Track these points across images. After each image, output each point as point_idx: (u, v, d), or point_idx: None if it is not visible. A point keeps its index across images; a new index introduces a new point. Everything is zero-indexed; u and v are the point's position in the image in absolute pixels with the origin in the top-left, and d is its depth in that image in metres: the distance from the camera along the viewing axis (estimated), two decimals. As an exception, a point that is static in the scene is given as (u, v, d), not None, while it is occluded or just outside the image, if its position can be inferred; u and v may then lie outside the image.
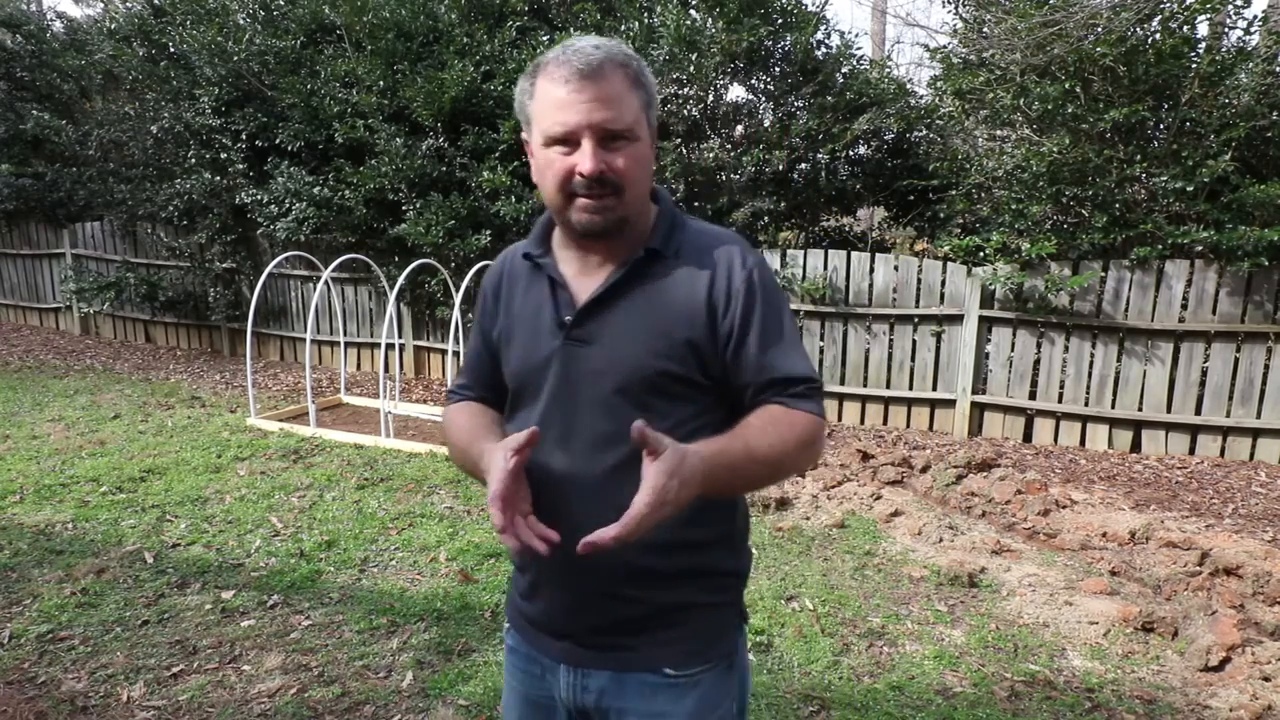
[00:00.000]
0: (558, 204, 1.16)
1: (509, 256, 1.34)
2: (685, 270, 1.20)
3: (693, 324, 1.17)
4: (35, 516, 4.07)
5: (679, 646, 1.21)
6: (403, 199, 6.92)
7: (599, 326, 1.19)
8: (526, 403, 1.24)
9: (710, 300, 1.18)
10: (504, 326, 1.29)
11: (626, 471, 1.10)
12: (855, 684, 2.80)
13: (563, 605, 1.23)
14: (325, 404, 6.56)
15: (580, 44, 1.12)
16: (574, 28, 6.84)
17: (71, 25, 10.38)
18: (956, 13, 6.50)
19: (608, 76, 1.11)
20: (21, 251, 9.95)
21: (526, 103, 1.18)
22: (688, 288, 1.19)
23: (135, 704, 2.61)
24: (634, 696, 1.21)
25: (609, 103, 1.11)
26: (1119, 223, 5.50)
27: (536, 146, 1.17)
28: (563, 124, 1.11)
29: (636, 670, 1.21)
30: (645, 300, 1.19)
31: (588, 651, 1.23)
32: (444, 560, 3.70)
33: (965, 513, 4.44)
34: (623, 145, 1.13)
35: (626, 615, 1.20)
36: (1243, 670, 2.84)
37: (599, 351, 1.18)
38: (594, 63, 1.10)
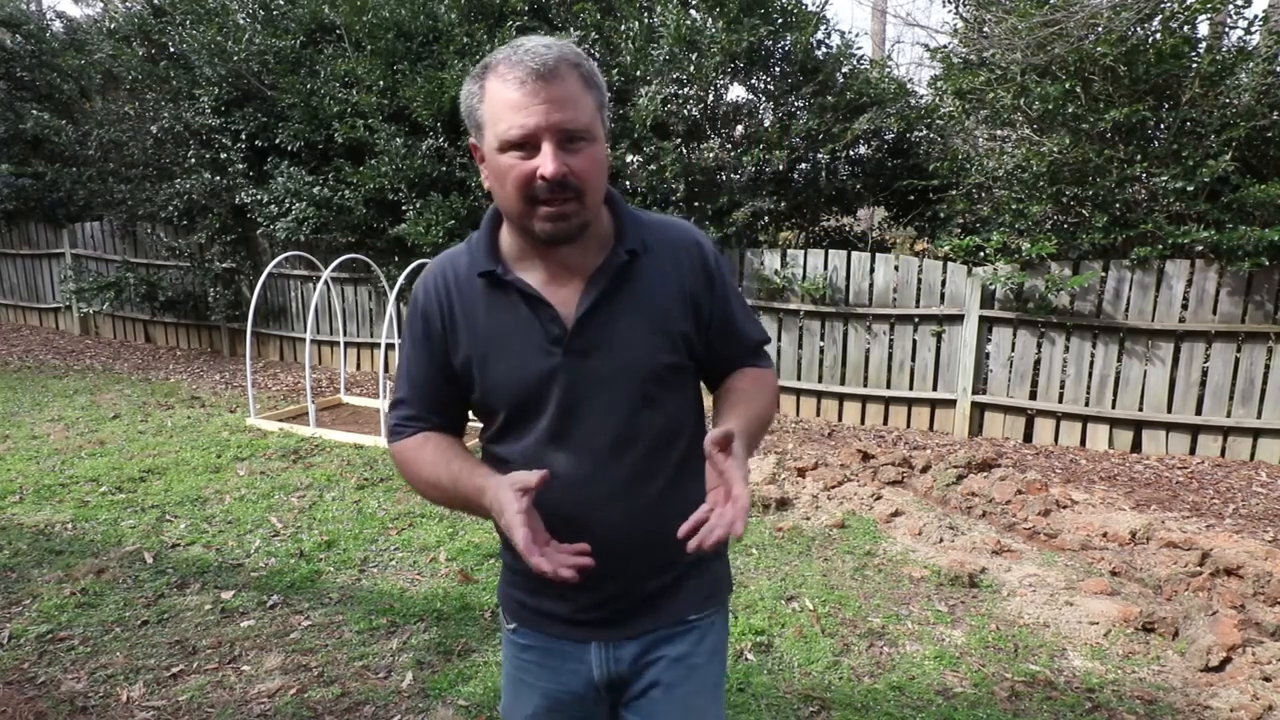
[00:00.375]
0: (518, 211, 1.12)
1: (448, 272, 1.25)
2: (661, 265, 1.23)
3: (683, 315, 1.23)
4: (35, 516, 4.07)
5: (698, 595, 1.32)
6: (403, 199, 6.92)
7: (597, 335, 1.19)
8: (526, 420, 1.21)
9: (691, 290, 1.24)
10: (470, 350, 1.22)
11: (646, 466, 1.21)
12: (855, 684, 2.80)
13: (591, 596, 1.26)
14: (325, 404, 6.56)
15: (530, 44, 1.09)
16: (574, 28, 6.83)
17: (71, 25, 10.37)
18: (956, 12, 6.49)
19: (563, 76, 1.08)
20: (21, 251, 9.95)
21: (476, 106, 1.13)
22: (669, 282, 1.23)
23: (135, 704, 2.61)
24: (663, 647, 1.30)
25: (566, 103, 1.08)
26: (1119, 223, 5.50)
27: (489, 152, 1.12)
28: (520, 127, 1.06)
29: (665, 627, 1.29)
30: (635, 301, 1.20)
31: (615, 628, 1.28)
32: (444, 560, 3.70)
33: (966, 513, 4.44)
34: (581, 146, 1.10)
35: (655, 587, 1.28)
36: (1243, 670, 2.83)
37: (603, 359, 1.19)
38: (549, 63, 1.07)
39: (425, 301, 1.25)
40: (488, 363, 1.22)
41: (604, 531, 1.19)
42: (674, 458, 1.25)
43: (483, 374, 1.22)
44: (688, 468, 1.27)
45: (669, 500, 1.22)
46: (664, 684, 1.29)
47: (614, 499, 1.20)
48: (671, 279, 1.23)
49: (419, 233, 6.69)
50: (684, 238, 1.27)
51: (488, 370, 1.22)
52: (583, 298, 1.18)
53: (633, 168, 6.45)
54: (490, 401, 1.24)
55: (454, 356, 1.24)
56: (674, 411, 1.25)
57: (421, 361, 1.27)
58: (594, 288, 1.19)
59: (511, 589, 1.36)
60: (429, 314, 1.25)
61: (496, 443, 1.27)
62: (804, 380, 6.52)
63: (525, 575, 1.30)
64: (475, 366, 1.22)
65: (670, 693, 1.30)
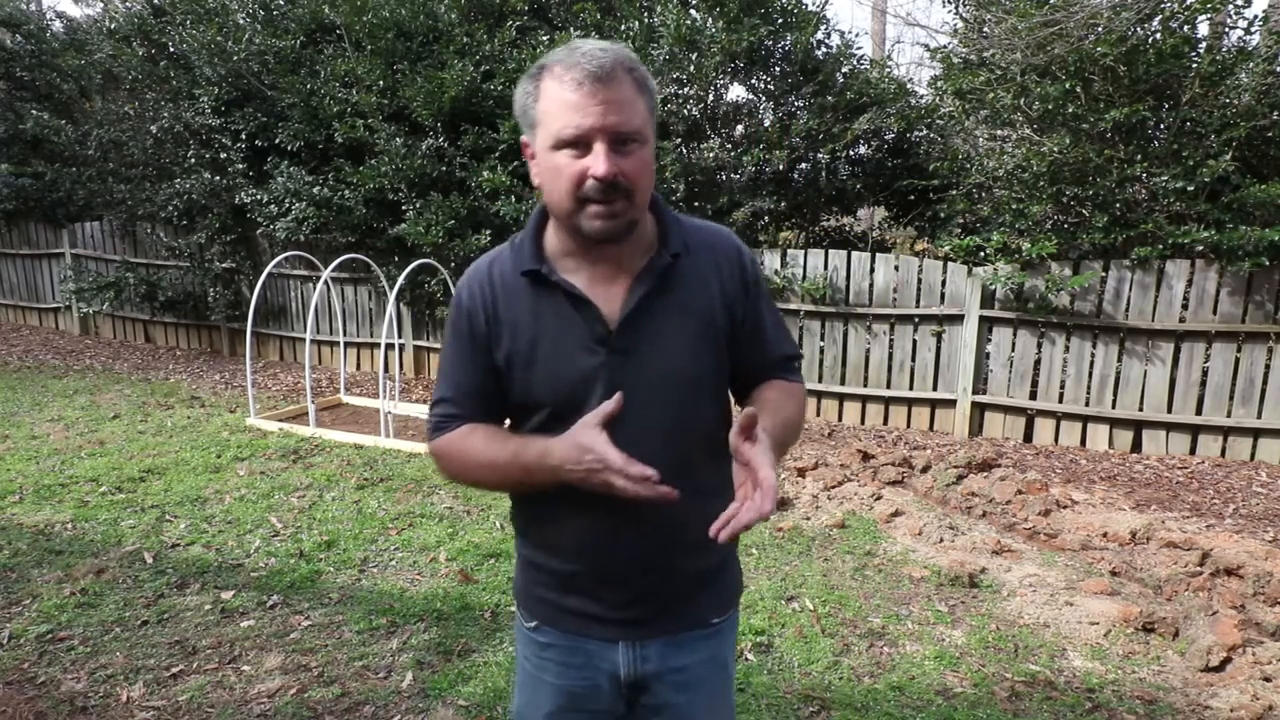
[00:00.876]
0: (567, 209, 1.14)
1: (494, 272, 1.27)
2: (701, 269, 1.26)
3: (719, 319, 1.26)
4: (35, 516, 4.06)
5: (720, 597, 1.36)
6: (403, 199, 6.91)
7: (641, 335, 1.21)
8: (567, 419, 1.21)
9: (729, 293, 1.27)
10: (513, 348, 1.24)
11: (684, 464, 1.23)
12: (855, 684, 2.80)
13: (619, 594, 1.27)
14: (325, 404, 6.56)
15: (587, 47, 1.11)
16: (574, 28, 6.83)
17: (71, 25, 10.37)
18: (957, 12, 6.49)
19: (619, 80, 1.11)
20: (21, 251, 9.95)
21: (530, 105, 1.15)
22: (710, 284, 1.26)
23: (135, 704, 2.61)
24: (688, 650, 1.32)
25: (621, 106, 1.11)
26: (1119, 222, 5.49)
27: (542, 150, 1.15)
28: (576, 126, 1.09)
29: (691, 628, 1.32)
30: (677, 303, 1.23)
31: (645, 626, 1.30)
32: (444, 560, 3.70)
33: (966, 513, 4.44)
34: (633, 149, 1.13)
35: (681, 587, 1.30)
36: (1243, 671, 2.83)
37: (646, 359, 1.20)
38: (606, 66, 1.10)
39: (469, 301, 1.26)
40: (531, 360, 1.23)
41: (640, 527, 1.22)
42: (708, 458, 1.27)
43: (526, 372, 1.23)
44: (719, 469, 1.29)
45: (702, 500, 1.24)
46: (694, 684, 1.33)
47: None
48: (712, 282, 1.26)
49: (419, 233, 6.69)
50: (724, 242, 1.30)
51: (531, 368, 1.23)
52: (627, 298, 1.20)
53: (633, 167, 6.44)
54: (533, 399, 1.24)
55: (496, 354, 1.25)
56: (710, 411, 1.29)
57: (464, 360, 1.28)
58: (639, 288, 1.21)
59: (535, 586, 1.35)
60: (472, 313, 1.26)
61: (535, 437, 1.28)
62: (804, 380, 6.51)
63: (551, 572, 1.30)
64: (518, 364, 1.23)
65: (699, 691, 1.34)
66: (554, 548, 1.29)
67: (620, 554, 1.25)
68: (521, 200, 6.57)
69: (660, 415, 1.21)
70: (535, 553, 1.33)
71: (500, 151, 6.73)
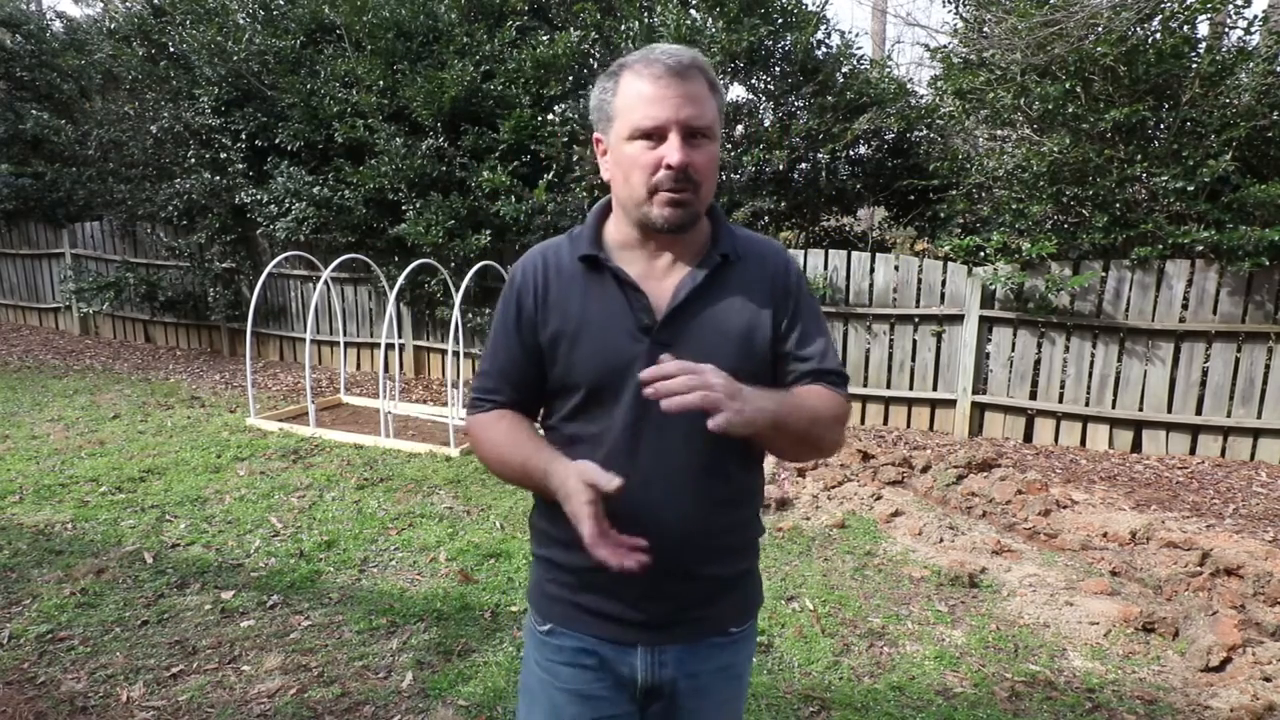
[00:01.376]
0: (639, 198, 1.18)
1: (549, 256, 1.30)
2: (749, 275, 1.28)
3: (765, 327, 1.26)
4: (35, 516, 4.06)
5: (739, 606, 1.35)
6: (403, 199, 6.91)
7: (683, 330, 1.22)
8: (604, 403, 1.24)
9: (774, 304, 1.28)
10: (560, 328, 1.26)
11: (714, 465, 1.24)
12: (855, 684, 2.80)
13: (639, 593, 1.26)
14: (325, 404, 6.56)
15: (665, 47, 1.17)
16: (574, 27, 6.83)
17: (71, 25, 10.37)
18: (957, 12, 6.49)
19: (694, 76, 1.16)
20: (21, 251, 9.95)
21: (608, 100, 1.20)
22: (756, 292, 1.27)
23: (135, 704, 2.60)
24: (705, 659, 1.31)
25: (696, 100, 1.15)
26: (1119, 222, 5.50)
27: (617, 141, 1.19)
28: (653, 118, 1.14)
29: (709, 636, 1.31)
30: (724, 304, 1.25)
31: (664, 631, 1.28)
32: (444, 560, 3.70)
33: (966, 513, 4.44)
34: (703, 143, 1.17)
35: (701, 592, 1.29)
36: (1243, 670, 2.83)
37: (685, 352, 1.17)
38: (684, 62, 1.15)
39: (522, 280, 1.30)
40: (577, 340, 1.25)
41: (667, 524, 1.22)
42: (738, 463, 1.28)
43: (570, 350, 1.25)
44: (748, 474, 1.32)
45: (727, 503, 1.27)
46: (705, 692, 1.32)
47: (681, 493, 1.23)
48: (758, 290, 1.27)
49: (419, 233, 6.69)
50: (775, 254, 1.33)
51: (575, 347, 1.25)
52: (676, 291, 1.23)
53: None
54: (572, 379, 1.26)
55: (542, 333, 1.27)
56: None
57: (508, 339, 1.31)
58: (689, 282, 1.23)
59: (550, 585, 1.34)
60: (523, 291, 1.29)
61: (570, 422, 1.28)
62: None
63: (571, 571, 1.29)
64: (563, 342, 1.25)
65: (709, 699, 1.33)
66: (573, 543, 1.25)
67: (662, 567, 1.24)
68: (521, 200, 6.57)
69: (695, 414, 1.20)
70: (553, 549, 1.31)
71: (500, 152, 6.73)
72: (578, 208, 6.48)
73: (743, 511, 1.31)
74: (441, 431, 5.82)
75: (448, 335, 7.21)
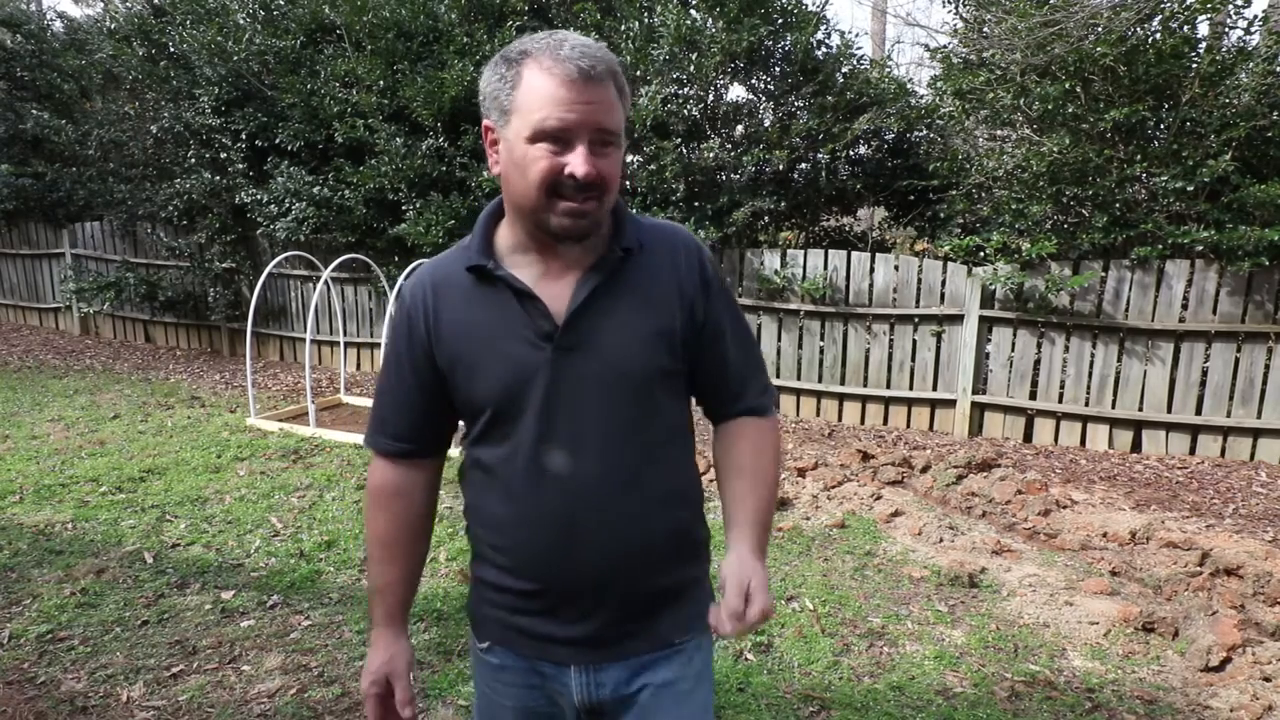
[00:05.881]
0: (536, 203, 1.10)
1: (438, 273, 1.22)
2: (657, 264, 1.20)
3: (674, 317, 1.19)
4: (35, 516, 4.07)
5: (681, 617, 1.26)
6: (403, 199, 6.92)
7: (588, 332, 1.15)
8: (511, 420, 1.17)
9: (686, 291, 1.20)
10: (454, 346, 1.19)
11: (637, 472, 1.18)
12: (855, 684, 2.80)
13: (573, 612, 1.21)
14: (325, 404, 6.56)
15: (574, 41, 1.08)
16: (574, 28, 6.83)
17: (71, 25, 10.37)
18: (956, 13, 6.49)
19: (605, 81, 1.08)
20: (21, 251, 9.95)
21: (504, 90, 1.10)
22: (665, 281, 1.20)
23: (135, 704, 2.61)
24: (648, 673, 1.24)
25: (607, 108, 1.08)
26: (1119, 222, 5.50)
27: (515, 138, 1.09)
28: (560, 120, 1.05)
29: (650, 651, 1.24)
30: (629, 298, 1.17)
31: (599, 650, 1.22)
32: (444, 560, 3.70)
33: (965, 513, 4.44)
34: (610, 151, 1.10)
35: (639, 606, 1.22)
36: (1243, 670, 2.83)
37: (593, 357, 1.14)
38: (597, 67, 1.07)
39: (410, 303, 1.22)
40: (474, 359, 1.18)
41: (592, 536, 1.16)
42: (664, 465, 1.22)
43: (469, 370, 1.18)
44: (677, 476, 1.25)
45: (657, 510, 1.21)
46: (656, 713, 1.24)
47: (603, 503, 1.16)
48: (667, 278, 1.20)
49: (419, 233, 6.69)
50: (682, 239, 1.24)
51: (474, 367, 1.18)
52: (575, 293, 1.15)
53: (633, 168, 6.45)
54: (475, 399, 1.19)
55: (438, 357, 1.20)
56: (665, 416, 1.21)
57: (404, 371, 1.24)
58: (587, 283, 1.15)
59: (484, 605, 1.28)
60: (413, 315, 1.21)
61: (479, 445, 1.22)
62: (804, 380, 6.52)
63: (503, 590, 1.24)
64: (460, 363, 1.19)
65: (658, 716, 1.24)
66: (504, 565, 1.23)
67: (571, 570, 1.18)
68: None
69: (606, 417, 1.16)
70: (486, 569, 1.26)
71: (500, 151, 6.72)
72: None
73: (677, 513, 1.24)
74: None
75: (448, 335, 7.20)
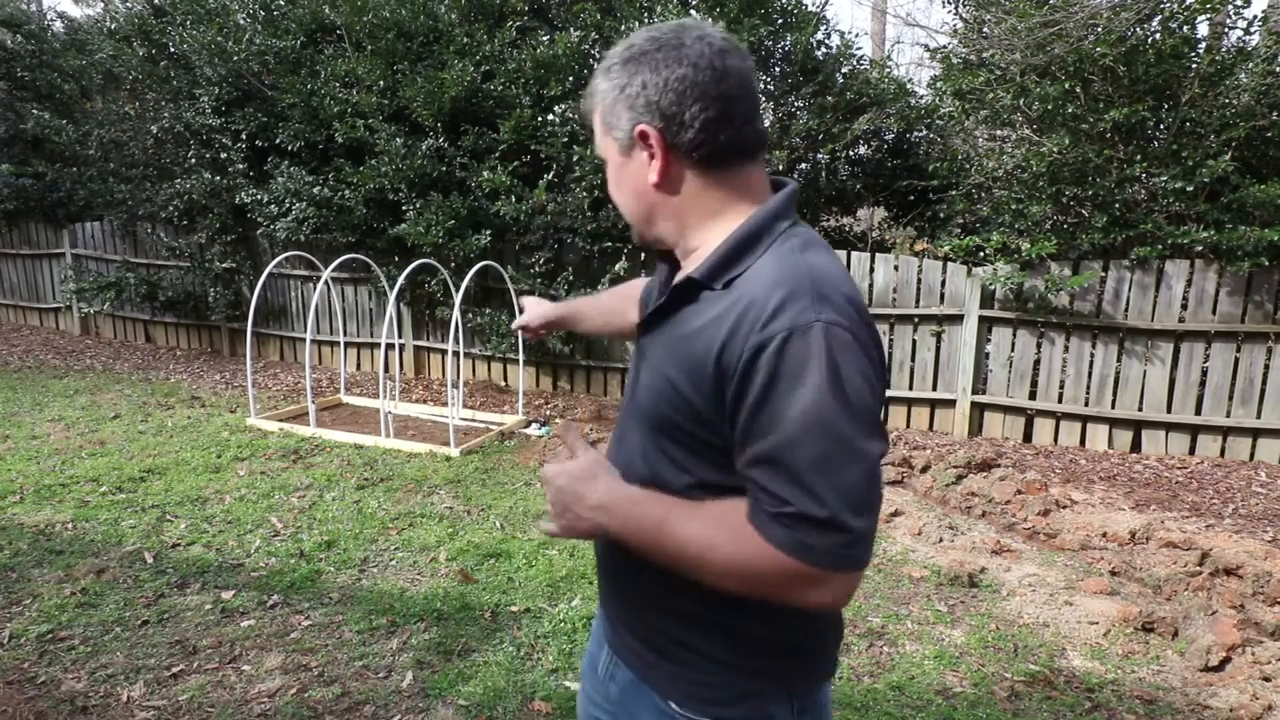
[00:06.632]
0: None
1: None
2: (717, 311, 0.96)
3: (695, 378, 0.95)
4: (35, 516, 4.07)
5: (683, 686, 1.09)
6: (403, 199, 6.92)
7: (650, 344, 1.08)
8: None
9: (721, 359, 0.92)
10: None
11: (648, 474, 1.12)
12: (855, 684, 2.80)
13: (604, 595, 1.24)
14: (325, 404, 6.56)
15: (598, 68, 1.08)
16: (574, 28, 6.83)
17: (72, 25, 10.38)
18: (956, 13, 6.50)
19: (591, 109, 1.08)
20: (21, 251, 9.95)
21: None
22: (709, 334, 0.95)
23: (135, 704, 2.61)
24: (645, 713, 1.13)
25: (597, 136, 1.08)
26: (1119, 223, 5.50)
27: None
28: None
29: (650, 688, 1.12)
30: (675, 334, 1.01)
31: (619, 644, 1.19)
32: (444, 560, 3.70)
33: (965, 513, 4.44)
34: (607, 168, 1.09)
35: (644, 631, 1.14)
36: (1243, 670, 2.84)
37: (646, 371, 1.08)
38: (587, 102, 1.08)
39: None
40: None
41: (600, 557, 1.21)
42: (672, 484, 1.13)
43: None
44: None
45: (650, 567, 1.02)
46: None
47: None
48: (713, 333, 0.94)
49: (419, 233, 6.69)
50: (765, 298, 0.91)
51: None
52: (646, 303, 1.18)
53: (633, 168, 6.44)
54: None
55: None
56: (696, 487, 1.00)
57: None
58: (657, 299, 1.09)
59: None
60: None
61: None
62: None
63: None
64: None
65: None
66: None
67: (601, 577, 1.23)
68: (521, 200, 6.57)
69: (640, 436, 1.08)
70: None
71: (500, 152, 6.73)
72: (578, 208, 6.48)
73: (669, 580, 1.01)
74: (441, 431, 5.82)
75: (448, 335, 7.22)
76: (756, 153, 1.03)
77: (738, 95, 0.99)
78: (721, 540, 0.91)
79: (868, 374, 0.89)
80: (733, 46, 0.99)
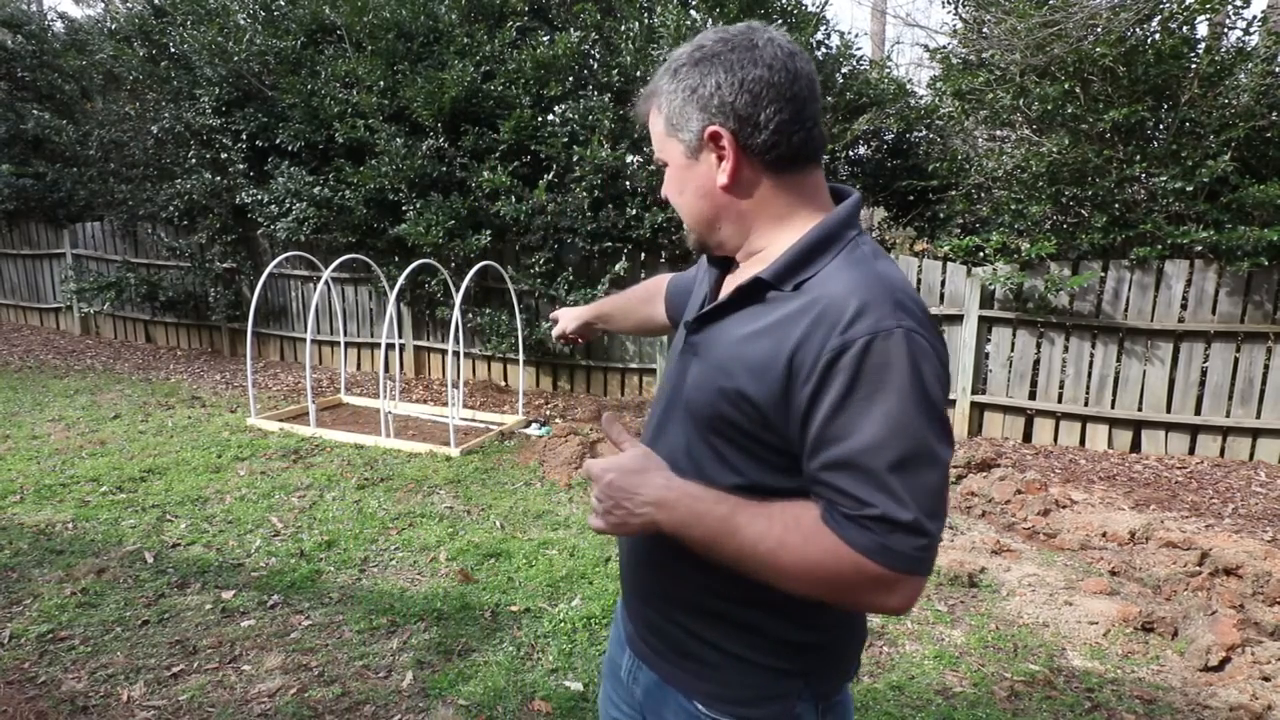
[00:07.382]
0: None
1: None
2: (786, 312, 0.96)
3: (761, 378, 0.95)
4: (35, 516, 4.07)
5: (709, 686, 1.09)
6: (403, 199, 6.92)
7: (704, 342, 1.06)
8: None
9: (794, 360, 0.92)
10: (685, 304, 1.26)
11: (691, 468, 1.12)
12: (855, 684, 2.80)
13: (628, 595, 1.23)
14: (325, 404, 6.57)
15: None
16: (574, 28, 6.84)
17: (72, 25, 10.38)
18: (956, 13, 6.50)
19: (649, 114, 1.09)
20: (22, 251, 9.96)
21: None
22: (778, 334, 0.95)
23: (135, 704, 2.61)
24: (670, 714, 1.14)
25: (654, 138, 1.09)
26: (1119, 223, 5.50)
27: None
28: None
29: (675, 688, 1.13)
30: (738, 333, 1.00)
31: (642, 646, 1.19)
32: (444, 560, 3.70)
33: (965, 513, 4.45)
34: (667, 171, 1.10)
35: (669, 631, 1.14)
36: (1242, 670, 2.84)
37: (697, 368, 1.06)
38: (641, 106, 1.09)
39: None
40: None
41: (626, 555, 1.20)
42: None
43: None
44: None
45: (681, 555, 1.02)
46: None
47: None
48: (783, 335, 0.94)
49: (419, 233, 6.69)
50: (846, 298, 0.91)
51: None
52: (704, 299, 1.15)
53: (633, 168, 6.46)
54: None
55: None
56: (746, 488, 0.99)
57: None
58: (722, 297, 1.08)
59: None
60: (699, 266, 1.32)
61: None
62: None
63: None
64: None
65: None
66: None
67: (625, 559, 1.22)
68: (521, 200, 6.57)
69: (683, 435, 1.07)
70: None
71: (500, 152, 6.73)
72: (578, 208, 6.48)
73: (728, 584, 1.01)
74: (441, 431, 5.82)
75: (448, 335, 7.22)
76: (820, 156, 1.05)
77: (808, 97, 1.00)
78: (794, 540, 0.90)
79: (943, 381, 0.91)
80: (799, 49, 1.00)
